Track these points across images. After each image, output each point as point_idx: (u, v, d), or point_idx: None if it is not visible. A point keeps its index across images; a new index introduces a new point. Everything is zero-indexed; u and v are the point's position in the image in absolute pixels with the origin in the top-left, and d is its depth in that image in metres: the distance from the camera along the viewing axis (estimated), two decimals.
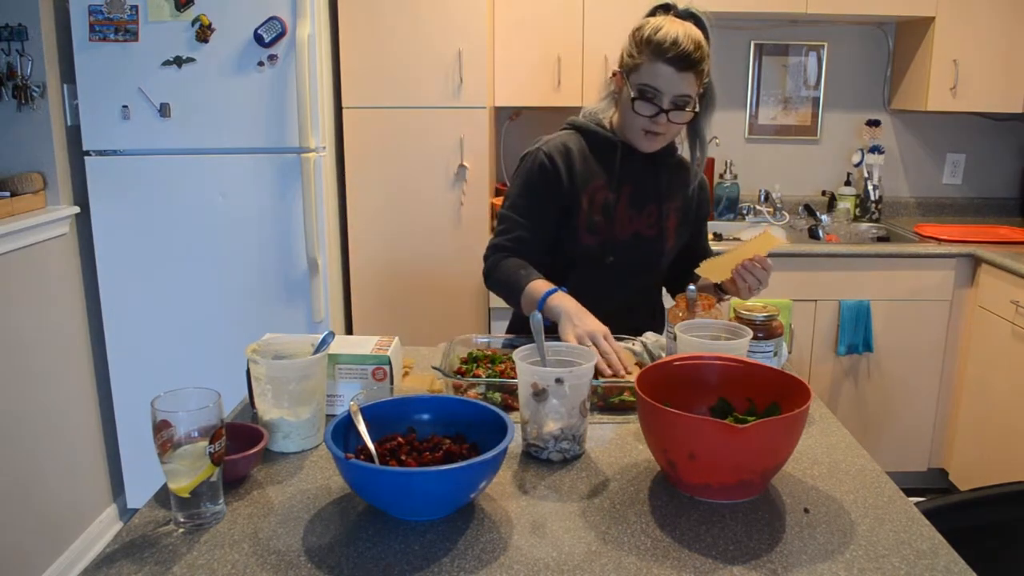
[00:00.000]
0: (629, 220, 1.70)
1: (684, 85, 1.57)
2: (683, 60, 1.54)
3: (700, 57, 1.56)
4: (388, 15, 2.81)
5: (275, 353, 1.24)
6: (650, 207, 1.71)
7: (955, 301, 2.93)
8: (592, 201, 1.68)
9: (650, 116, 1.60)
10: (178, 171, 2.61)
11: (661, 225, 1.72)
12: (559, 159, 1.67)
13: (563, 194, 1.67)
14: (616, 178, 1.69)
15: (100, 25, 2.50)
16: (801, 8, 3.00)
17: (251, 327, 2.60)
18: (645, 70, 1.57)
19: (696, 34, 1.56)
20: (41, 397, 2.47)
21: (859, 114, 3.44)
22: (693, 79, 1.57)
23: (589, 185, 1.68)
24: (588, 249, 1.69)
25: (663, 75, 1.56)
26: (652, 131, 1.62)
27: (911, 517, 1.05)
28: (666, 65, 1.55)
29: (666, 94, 1.58)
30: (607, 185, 1.68)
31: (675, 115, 1.59)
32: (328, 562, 0.94)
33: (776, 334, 1.41)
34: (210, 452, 0.98)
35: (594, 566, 0.93)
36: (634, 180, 1.70)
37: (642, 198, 1.71)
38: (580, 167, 1.68)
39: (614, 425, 1.34)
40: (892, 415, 3.02)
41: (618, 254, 1.69)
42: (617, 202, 1.69)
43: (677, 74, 1.55)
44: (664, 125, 1.60)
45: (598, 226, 1.68)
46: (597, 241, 1.68)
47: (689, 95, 1.58)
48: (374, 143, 2.90)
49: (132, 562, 0.94)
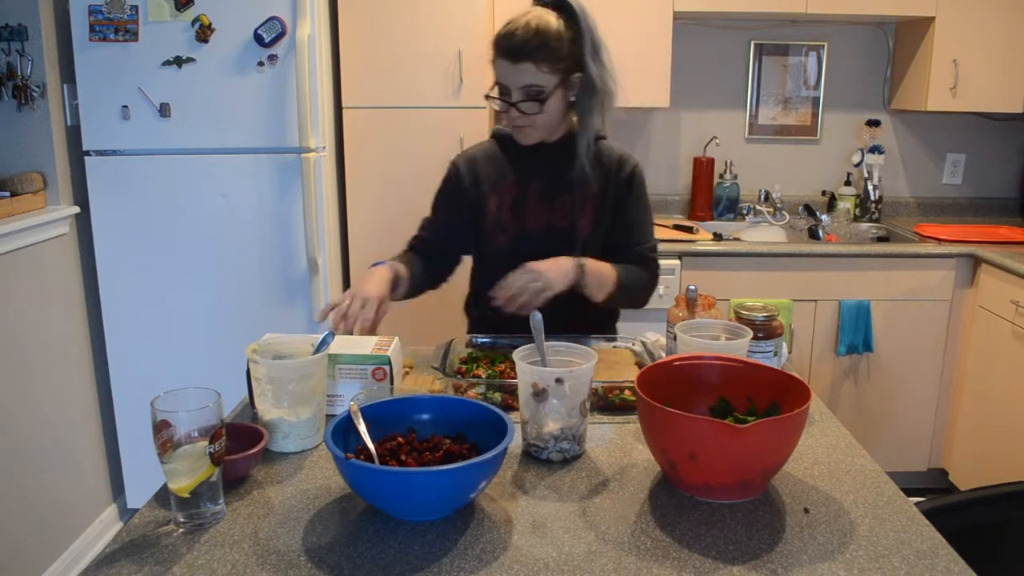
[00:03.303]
0: (541, 213, 1.70)
1: (526, 76, 1.55)
2: (516, 51, 1.53)
3: (539, 45, 1.53)
4: (388, 15, 2.81)
5: (275, 353, 1.24)
6: (563, 197, 1.70)
7: (955, 301, 2.93)
8: (502, 200, 1.71)
9: (502, 112, 1.62)
10: (178, 171, 2.61)
11: (575, 216, 1.70)
12: (464, 167, 1.75)
13: (469, 199, 1.73)
14: (524, 174, 1.70)
15: (100, 25, 2.50)
16: (801, 8, 2.99)
17: (251, 327, 2.59)
18: (495, 65, 1.60)
19: (543, 22, 1.54)
20: (41, 397, 2.47)
21: (859, 114, 3.44)
22: (533, 68, 1.54)
23: (499, 186, 1.71)
24: (500, 247, 1.71)
25: (502, 69, 1.57)
26: (514, 124, 1.63)
27: (911, 517, 1.05)
28: (502, 59, 1.56)
29: (512, 87, 1.58)
30: (516, 183, 1.71)
31: (525, 106, 1.58)
32: (328, 562, 0.94)
33: (776, 334, 1.41)
34: (210, 452, 0.98)
35: (594, 566, 0.93)
36: (544, 174, 1.70)
37: (553, 190, 1.70)
38: (487, 171, 1.73)
39: (614, 425, 1.34)
40: (892, 415, 3.02)
41: (530, 248, 1.67)
42: (525, 197, 1.70)
43: (514, 66, 1.55)
44: (521, 117, 1.60)
45: (507, 223, 1.70)
46: (507, 238, 1.71)
47: (536, 84, 1.56)
48: (374, 143, 2.90)
49: (132, 562, 0.94)
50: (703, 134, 3.41)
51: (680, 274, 2.86)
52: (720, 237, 3.10)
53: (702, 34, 3.36)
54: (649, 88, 3.04)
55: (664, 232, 3.07)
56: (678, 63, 3.24)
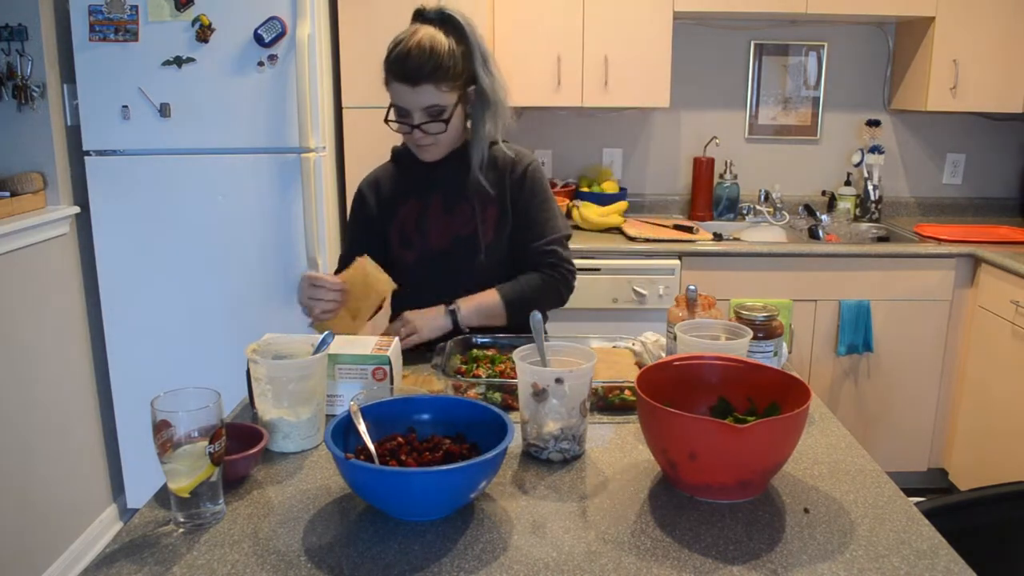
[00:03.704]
0: (445, 226, 1.71)
1: (426, 97, 1.56)
2: (415, 75, 1.53)
3: (436, 66, 1.53)
4: (388, 15, 2.80)
5: (275, 353, 1.24)
6: (462, 207, 1.70)
7: (955, 301, 2.93)
8: (405, 219, 1.72)
9: (406, 134, 1.62)
10: (178, 171, 2.61)
11: (475, 222, 1.70)
12: (368, 192, 1.78)
13: (374, 220, 1.75)
14: (425, 189, 1.72)
15: (100, 25, 2.50)
16: (801, 8, 2.99)
17: (251, 327, 2.58)
18: (390, 89, 1.59)
19: (434, 41, 1.54)
20: (41, 397, 2.47)
21: (859, 114, 3.44)
22: (433, 89, 1.55)
23: (402, 206, 1.73)
24: (407, 264, 1.72)
25: (401, 93, 1.57)
26: (418, 144, 1.64)
27: (911, 517, 1.05)
28: (400, 83, 1.55)
29: (413, 110, 1.58)
30: (416, 200, 1.72)
31: (430, 126, 1.59)
32: (328, 562, 0.94)
33: (776, 334, 1.41)
34: (210, 452, 0.98)
35: (594, 566, 0.93)
36: (443, 187, 1.71)
37: (452, 202, 1.71)
38: (389, 192, 1.75)
39: (614, 425, 1.34)
40: (892, 415, 3.02)
41: (438, 261, 1.70)
42: (427, 212, 1.71)
43: (413, 89, 1.55)
44: (425, 137, 1.60)
45: (412, 239, 1.72)
46: (414, 255, 1.72)
47: (437, 104, 1.57)
48: (374, 143, 2.88)
49: (132, 562, 0.94)
50: (703, 134, 3.41)
51: (680, 274, 2.86)
52: (720, 237, 3.10)
53: (702, 34, 3.36)
54: (649, 88, 3.05)
55: (664, 232, 3.07)
56: (678, 63, 3.24)
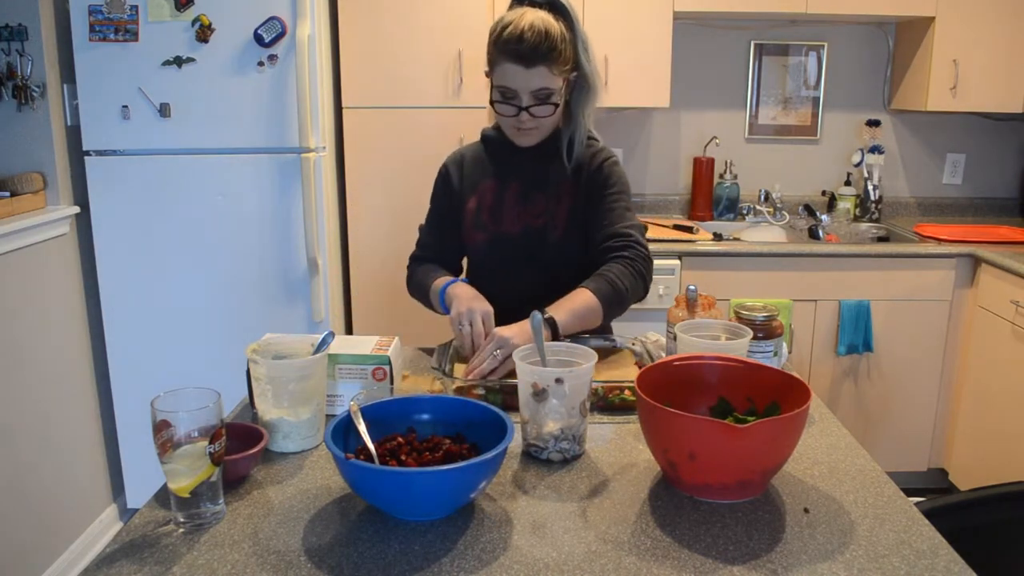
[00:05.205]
0: (518, 215, 1.70)
1: (538, 79, 1.54)
2: (530, 56, 1.51)
3: (550, 47, 1.52)
4: (388, 15, 2.81)
5: (275, 353, 1.24)
6: (537, 197, 1.70)
7: (955, 301, 2.93)
8: (481, 200, 1.72)
9: (512, 116, 1.60)
10: (178, 171, 2.61)
11: (549, 214, 1.69)
12: (452, 168, 1.77)
13: (454, 195, 1.75)
14: (505, 175, 1.71)
15: (100, 25, 2.50)
16: (801, 8, 2.99)
17: (251, 327, 2.59)
18: (498, 70, 1.57)
19: (547, 24, 1.53)
20: (41, 397, 2.47)
21: (859, 114, 3.44)
22: (546, 71, 1.54)
23: (479, 186, 1.73)
24: (478, 246, 1.72)
25: (513, 74, 1.54)
26: (520, 128, 1.62)
27: (911, 517, 1.05)
28: (514, 64, 1.53)
29: (522, 92, 1.56)
30: (496, 184, 1.72)
31: (537, 109, 1.58)
32: (328, 562, 0.94)
33: (776, 334, 1.41)
34: (210, 452, 0.98)
35: (594, 566, 0.93)
36: (521, 174, 1.71)
37: (529, 191, 1.70)
38: (471, 171, 1.75)
39: (614, 425, 1.34)
40: (892, 415, 3.02)
41: (507, 248, 1.69)
42: (503, 198, 1.71)
43: (527, 71, 1.53)
44: (531, 120, 1.59)
45: (486, 223, 1.71)
46: (485, 238, 1.71)
47: (548, 87, 1.55)
48: (374, 143, 2.90)
49: (132, 562, 0.94)
50: (703, 134, 3.41)
51: (680, 274, 2.87)
52: (720, 237, 3.10)
53: (702, 34, 3.36)
54: (649, 88, 3.05)
55: (664, 232, 3.07)
56: (678, 63, 3.24)
